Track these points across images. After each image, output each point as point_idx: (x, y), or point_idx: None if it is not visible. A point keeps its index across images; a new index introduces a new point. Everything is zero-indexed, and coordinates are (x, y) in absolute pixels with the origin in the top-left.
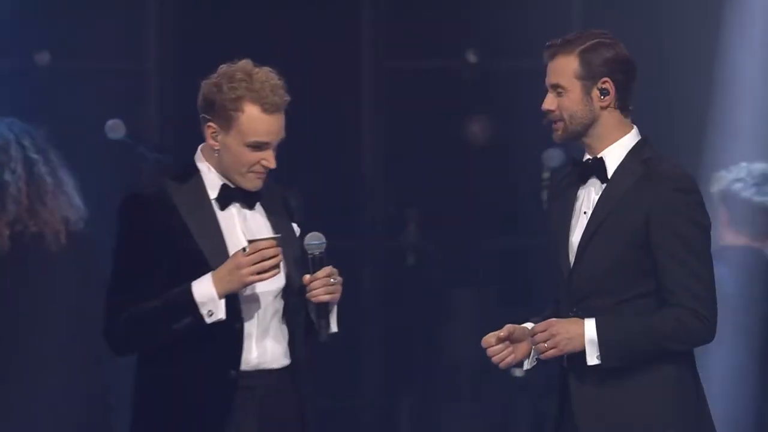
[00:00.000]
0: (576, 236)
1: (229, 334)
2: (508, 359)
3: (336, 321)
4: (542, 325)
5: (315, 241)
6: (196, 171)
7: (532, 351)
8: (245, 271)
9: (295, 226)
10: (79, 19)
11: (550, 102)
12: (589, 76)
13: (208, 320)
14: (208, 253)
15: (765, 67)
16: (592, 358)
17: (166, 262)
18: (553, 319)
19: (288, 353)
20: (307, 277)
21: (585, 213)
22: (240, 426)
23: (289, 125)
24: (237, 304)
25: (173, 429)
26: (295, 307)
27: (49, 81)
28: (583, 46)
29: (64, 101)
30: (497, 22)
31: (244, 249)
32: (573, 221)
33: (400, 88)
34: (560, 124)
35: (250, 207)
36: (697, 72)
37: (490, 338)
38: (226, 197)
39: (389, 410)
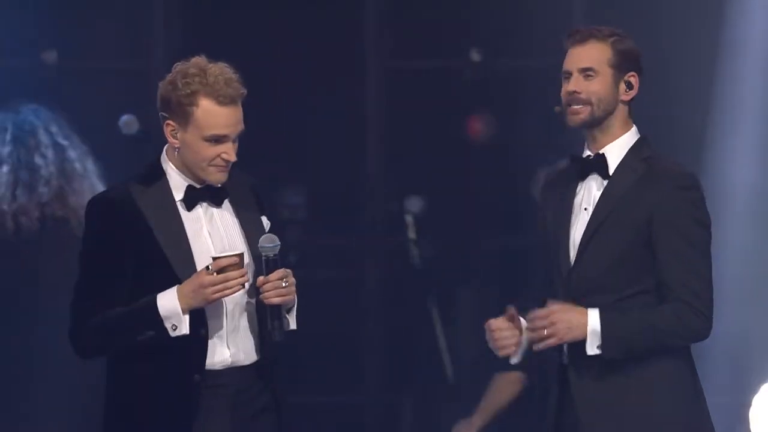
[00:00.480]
0: (577, 232)
1: (194, 339)
2: (511, 343)
3: (295, 319)
4: (543, 311)
5: (269, 243)
6: (162, 173)
7: (523, 343)
8: (209, 290)
9: (264, 219)
10: (85, 18)
11: (578, 84)
12: (620, 66)
13: (172, 334)
14: (173, 258)
15: (766, 67)
16: (593, 348)
17: (132, 267)
18: (556, 306)
19: (258, 349)
20: (261, 279)
21: (585, 209)
22: (210, 425)
23: (292, 124)
24: (202, 310)
25: (141, 429)
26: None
27: (56, 80)
28: (614, 38)
29: (70, 100)
30: (499, 22)
31: (207, 267)
32: (573, 217)
33: (401, 88)
34: (587, 108)
35: (218, 205)
36: (697, 71)
37: (497, 321)
38: (192, 198)
39: (391, 408)
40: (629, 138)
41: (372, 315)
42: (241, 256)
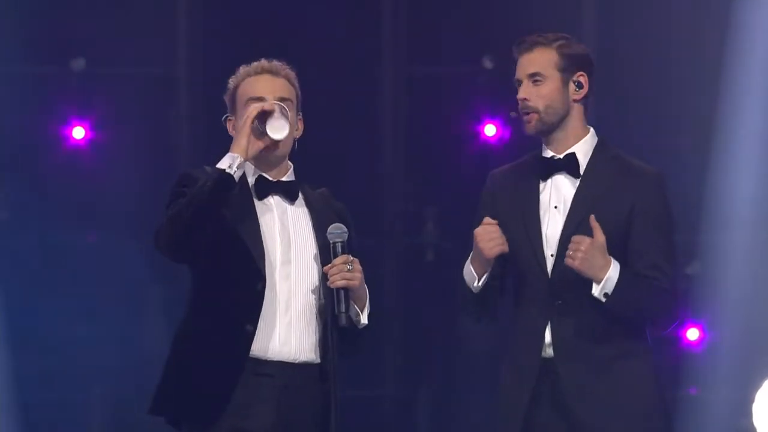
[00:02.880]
0: (550, 230)
1: (251, 293)
2: (500, 242)
3: (366, 315)
4: (579, 237)
5: (336, 230)
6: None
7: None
8: (245, 117)
9: (341, 225)
10: (111, 25)
11: (527, 91)
12: (567, 68)
13: (233, 171)
14: (243, 233)
15: None
16: (600, 293)
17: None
18: (593, 241)
19: (317, 350)
20: (327, 266)
21: (556, 207)
22: (254, 413)
23: (313, 127)
24: (273, 278)
25: (190, 386)
26: (331, 305)
27: (84, 86)
28: (559, 42)
29: (97, 106)
30: (512, 29)
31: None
32: (542, 215)
33: (419, 92)
34: (534, 116)
35: (290, 201)
36: (703, 73)
37: (486, 224)
38: (263, 188)
39: (409, 401)
40: (592, 138)
41: (390, 313)
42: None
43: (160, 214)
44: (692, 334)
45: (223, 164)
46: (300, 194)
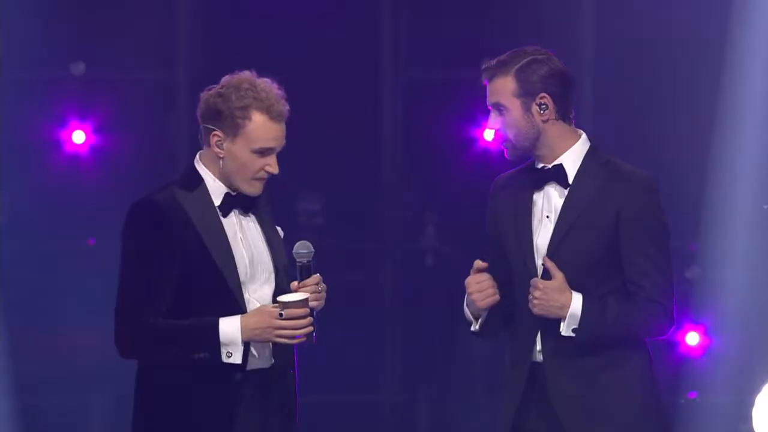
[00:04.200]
0: (541, 239)
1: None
2: (490, 292)
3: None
4: (540, 283)
5: (303, 249)
6: (200, 179)
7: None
8: (276, 332)
9: (279, 229)
10: (111, 30)
11: (494, 121)
12: (526, 94)
13: (225, 360)
14: (218, 260)
15: None
16: (568, 330)
17: (179, 269)
18: (551, 283)
19: (272, 354)
20: (295, 284)
21: (548, 217)
22: (234, 421)
23: (310, 132)
24: (243, 301)
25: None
26: None
27: (83, 91)
28: (517, 66)
29: (97, 110)
30: (512, 33)
31: (279, 312)
32: (535, 225)
33: (418, 97)
34: (508, 144)
35: (247, 213)
36: (704, 70)
37: (475, 274)
38: (229, 204)
39: (408, 405)
40: (581, 146)
41: (388, 317)
42: (306, 300)
43: None
44: (692, 338)
45: (225, 347)
46: None
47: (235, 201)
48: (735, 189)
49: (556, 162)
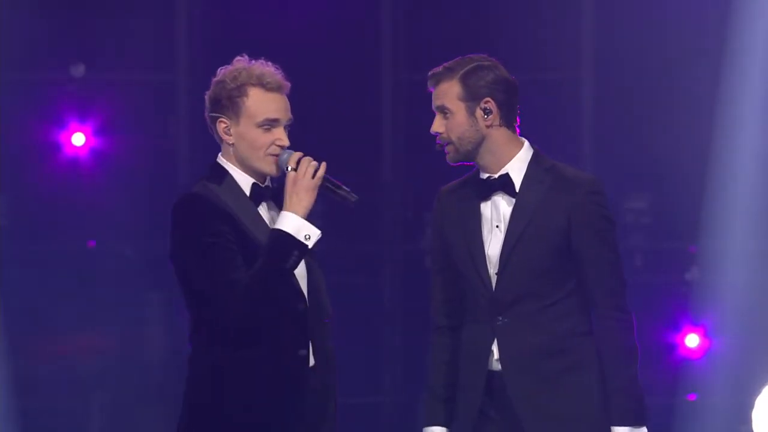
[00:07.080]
0: (491, 249)
1: (295, 316)
2: None
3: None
4: None
5: (284, 155)
6: (226, 172)
7: None
8: (305, 177)
9: None
10: (111, 32)
11: (438, 125)
12: (471, 98)
13: (311, 244)
14: (262, 243)
15: None
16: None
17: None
18: None
19: (311, 353)
20: (291, 174)
21: (498, 227)
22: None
23: (309, 133)
24: (296, 286)
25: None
26: (318, 308)
27: (84, 92)
28: (463, 71)
29: (96, 112)
30: (511, 36)
31: (290, 170)
32: (485, 235)
33: (418, 99)
34: (450, 147)
35: (274, 204)
36: (704, 70)
37: None
38: (258, 195)
39: (408, 407)
40: (524, 154)
41: (389, 319)
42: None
43: (160, 230)
44: (691, 340)
45: (299, 233)
46: None
47: (264, 193)
48: (735, 190)
49: (501, 172)
